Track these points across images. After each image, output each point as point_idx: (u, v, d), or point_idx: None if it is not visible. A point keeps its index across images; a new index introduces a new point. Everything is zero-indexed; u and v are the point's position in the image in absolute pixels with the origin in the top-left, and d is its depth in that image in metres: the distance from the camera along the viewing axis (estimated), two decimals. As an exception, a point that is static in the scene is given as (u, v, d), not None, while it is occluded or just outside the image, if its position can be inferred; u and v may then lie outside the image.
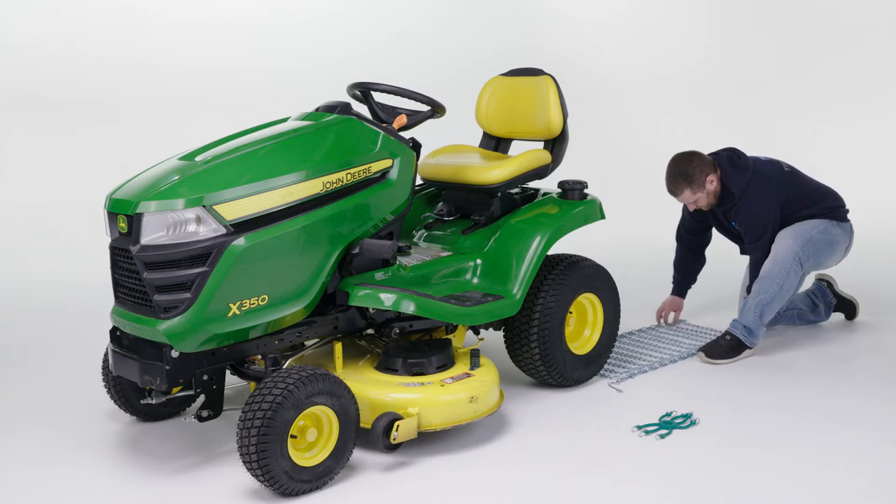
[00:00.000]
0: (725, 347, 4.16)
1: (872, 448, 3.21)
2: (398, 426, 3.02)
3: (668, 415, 3.50)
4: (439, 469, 3.09)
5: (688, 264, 4.71)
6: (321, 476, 2.92)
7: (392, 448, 3.05)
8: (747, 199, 4.21)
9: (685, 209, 4.58)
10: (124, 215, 2.93)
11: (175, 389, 3.10)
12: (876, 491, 2.89)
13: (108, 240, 3.05)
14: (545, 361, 3.66)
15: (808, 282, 4.79)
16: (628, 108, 7.66)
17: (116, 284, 3.10)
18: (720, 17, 7.99)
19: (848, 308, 4.76)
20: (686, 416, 3.48)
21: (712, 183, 4.22)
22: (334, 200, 3.17)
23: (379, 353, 3.44)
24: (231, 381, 3.43)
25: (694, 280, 4.77)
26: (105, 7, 6.92)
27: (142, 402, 3.31)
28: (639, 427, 3.39)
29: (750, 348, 4.20)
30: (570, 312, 3.83)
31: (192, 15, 7.14)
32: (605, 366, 4.02)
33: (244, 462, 2.80)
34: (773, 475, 3.00)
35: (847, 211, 4.43)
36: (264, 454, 2.76)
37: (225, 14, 7.23)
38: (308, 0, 7.48)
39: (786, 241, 4.16)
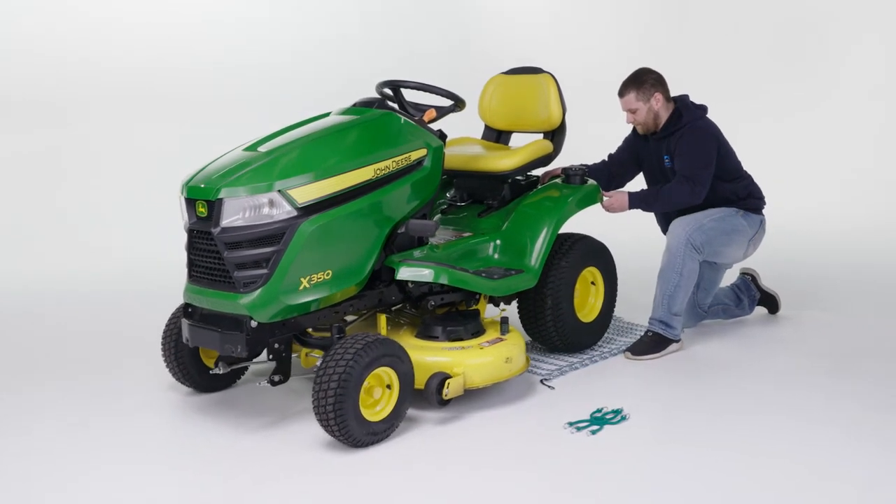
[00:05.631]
0: (649, 343, 4.22)
1: (797, 436, 3.29)
2: (448, 384, 3.41)
3: (598, 411, 3.53)
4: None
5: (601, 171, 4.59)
6: (386, 429, 3.28)
7: (444, 403, 3.44)
8: (695, 130, 4.23)
9: (625, 141, 4.61)
10: (204, 200, 3.25)
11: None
12: (803, 476, 2.98)
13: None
14: (557, 328, 4.09)
15: (733, 276, 4.89)
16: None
17: (192, 265, 3.41)
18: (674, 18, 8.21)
19: (770, 302, 4.86)
20: (616, 412, 3.51)
21: (658, 102, 4.27)
22: (383, 185, 3.55)
23: (410, 325, 3.81)
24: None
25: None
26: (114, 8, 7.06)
27: (210, 372, 3.61)
28: (570, 423, 3.42)
29: (675, 341, 4.26)
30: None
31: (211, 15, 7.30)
32: (533, 363, 4.09)
33: (320, 420, 3.14)
34: (702, 467, 3.06)
35: (762, 204, 4.50)
36: (340, 412, 3.10)
37: (225, 13, 7.41)
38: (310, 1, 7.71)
39: (675, 230, 4.24)
